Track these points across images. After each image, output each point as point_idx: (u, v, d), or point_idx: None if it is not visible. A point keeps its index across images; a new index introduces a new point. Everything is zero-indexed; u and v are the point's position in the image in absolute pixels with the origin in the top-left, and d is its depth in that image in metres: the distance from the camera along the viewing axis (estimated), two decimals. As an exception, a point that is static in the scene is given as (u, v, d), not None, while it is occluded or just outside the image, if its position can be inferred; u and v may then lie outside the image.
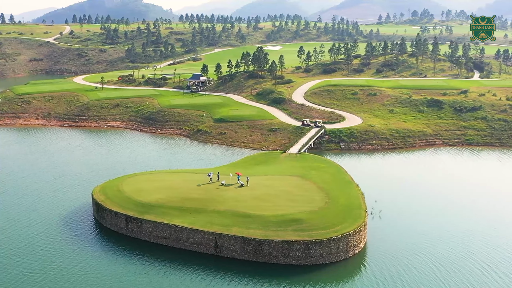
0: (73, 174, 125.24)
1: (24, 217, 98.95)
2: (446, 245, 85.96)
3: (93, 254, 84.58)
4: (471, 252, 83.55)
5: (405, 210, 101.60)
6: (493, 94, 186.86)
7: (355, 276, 77.83)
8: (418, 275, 76.61)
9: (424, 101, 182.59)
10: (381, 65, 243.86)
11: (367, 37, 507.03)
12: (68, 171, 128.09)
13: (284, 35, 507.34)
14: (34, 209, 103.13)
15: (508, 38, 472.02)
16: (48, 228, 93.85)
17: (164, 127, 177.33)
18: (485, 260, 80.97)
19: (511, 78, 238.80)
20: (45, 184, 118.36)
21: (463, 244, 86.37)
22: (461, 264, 79.62)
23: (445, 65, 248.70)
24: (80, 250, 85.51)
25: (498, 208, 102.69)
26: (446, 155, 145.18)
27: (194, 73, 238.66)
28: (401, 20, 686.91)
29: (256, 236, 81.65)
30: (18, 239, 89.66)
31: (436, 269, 78.19)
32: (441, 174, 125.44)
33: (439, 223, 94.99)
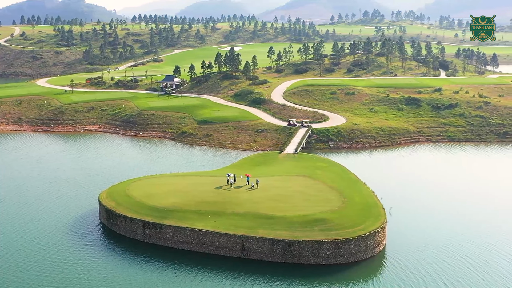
0: (68, 181, 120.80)
1: (28, 228, 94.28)
2: (461, 238, 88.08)
3: (111, 263, 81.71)
4: (491, 245, 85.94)
5: (413, 206, 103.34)
6: (466, 91, 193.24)
7: (384, 272, 78.54)
8: (443, 267, 78.25)
9: (401, 99, 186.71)
10: (351, 65, 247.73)
11: (323, 37, 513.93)
12: (61, 177, 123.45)
13: (242, 35, 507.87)
14: (37, 219, 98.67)
15: (459, 37, 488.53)
16: (56, 240, 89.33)
17: (146, 130, 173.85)
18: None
19: (475, 75, 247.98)
20: (42, 192, 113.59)
21: (478, 237, 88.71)
22: (482, 257, 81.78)
23: (412, 64, 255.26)
24: (96, 260, 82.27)
25: (497, 199, 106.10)
26: (434, 151, 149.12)
27: (166, 75, 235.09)
28: (353, 21, 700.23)
29: (285, 237, 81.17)
30: (28, 253, 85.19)
31: (459, 261, 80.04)
32: (437, 169, 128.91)
33: (450, 216, 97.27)
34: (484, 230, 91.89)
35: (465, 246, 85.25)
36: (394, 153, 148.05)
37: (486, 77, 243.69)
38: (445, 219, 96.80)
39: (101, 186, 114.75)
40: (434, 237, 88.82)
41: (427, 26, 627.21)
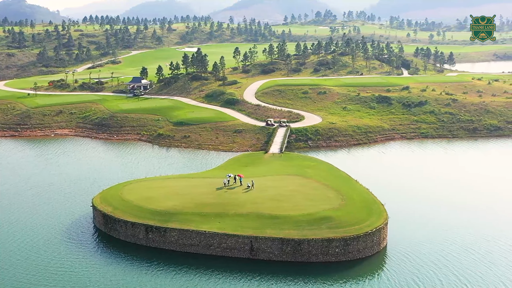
0: (53, 187, 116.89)
1: (20, 238, 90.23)
2: (459, 229, 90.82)
3: (115, 270, 79.37)
4: (489, 235, 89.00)
5: (405, 200, 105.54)
6: (432, 89, 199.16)
7: (392, 265, 79.77)
8: (449, 258, 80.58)
9: (372, 97, 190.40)
10: (317, 64, 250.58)
11: (279, 38, 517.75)
12: (44, 183, 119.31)
13: (199, 36, 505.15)
14: (28, 228, 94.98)
15: (411, 37, 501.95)
16: (53, 249, 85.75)
17: (120, 133, 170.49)
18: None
19: (435, 74, 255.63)
20: (28, 199, 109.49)
21: (476, 228, 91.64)
22: (484, 248, 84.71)
23: (376, 63, 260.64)
24: (99, 268, 79.81)
25: (483, 189, 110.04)
26: (412, 147, 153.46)
27: (134, 77, 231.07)
28: (306, 21, 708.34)
29: (294, 236, 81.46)
30: (24, 264, 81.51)
31: (464, 252, 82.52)
32: (421, 164, 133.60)
33: (443, 208, 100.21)
34: (480, 220, 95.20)
35: (466, 238, 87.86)
36: (373, 150, 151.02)
37: (446, 75, 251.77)
38: (438, 211, 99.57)
39: (89, 191, 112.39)
40: (433, 229, 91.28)
41: (379, 26, 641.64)
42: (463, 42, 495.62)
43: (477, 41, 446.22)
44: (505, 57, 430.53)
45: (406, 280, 75.06)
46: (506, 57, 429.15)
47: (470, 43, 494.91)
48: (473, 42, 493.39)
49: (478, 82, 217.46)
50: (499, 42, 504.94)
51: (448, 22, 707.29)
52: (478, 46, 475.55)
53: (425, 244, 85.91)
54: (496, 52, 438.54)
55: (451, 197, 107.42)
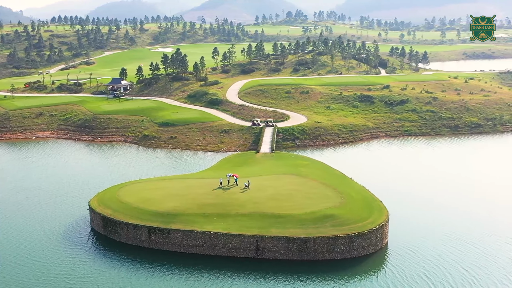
0: (43, 190, 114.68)
1: (16, 244, 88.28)
2: (458, 224, 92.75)
3: (118, 273, 78.07)
4: (487, 230, 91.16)
5: (401, 196, 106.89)
6: (412, 88, 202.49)
7: (396, 261, 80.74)
8: (453, 252, 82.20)
9: (355, 96, 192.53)
10: (296, 64, 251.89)
11: (252, 38, 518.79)
12: (33, 187, 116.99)
13: (171, 36, 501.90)
14: (25, 233, 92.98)
15: (382, 36, 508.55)
16: (51, 254, 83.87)
17: (104, 134, 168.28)
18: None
19: (412, 72, 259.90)
20: (19, 203, 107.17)
21: (476, 224, 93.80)
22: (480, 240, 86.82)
23: (353, 63, 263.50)
24: (102, 272, 78.46)
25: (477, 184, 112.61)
26: (399, 145, 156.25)
27: (113, 78, 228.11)
28: (278, 21, 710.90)
29: (299, 235, 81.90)
30: (24, 270, 79.39)
31: (465, 247, 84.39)
32: (411, 161, 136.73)
33: (439, 205, 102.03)
34: (475, 216, 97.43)
35: (466, 233, 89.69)
36: (361, 148, 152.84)
37: (422, 74, 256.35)
38: (435, 207, 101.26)
39: (81, 194, 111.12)
40: (432, 225, 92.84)
41: (349, 26, 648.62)
42: (432, 42, 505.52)
43: (446, 41, 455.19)
44: (474, 56, 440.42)
45: (413, 274, 76.16)
46: (475, 56, 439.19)
47: (440, 42, 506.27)
48: (443, 41, 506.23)
49: (455, 81, 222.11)
50: (467, 41, 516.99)
51: (417, 22, 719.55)
52: (447, 46, 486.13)
53: (426, 239, 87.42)
54: (465, 52, 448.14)
55: (445, 193, 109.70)
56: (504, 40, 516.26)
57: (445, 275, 75.55)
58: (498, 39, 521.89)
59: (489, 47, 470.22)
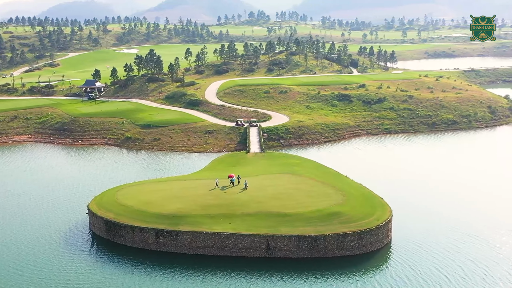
0: (31, 195, 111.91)
1: (15, 251, 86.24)
2: (451, 219, 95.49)
3: (128, 278, 77.00)
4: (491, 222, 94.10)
5: (395, 192, 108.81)
6: (387, 86, 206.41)
7: (403, 255, 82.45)
8: (458, 245, 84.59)
9: (333, 95, 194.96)
10: (269, 64, 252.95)
11: (216, 38, 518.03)
12: (21, 192, 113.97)
13: (136, 37, 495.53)
14: (22, 240, 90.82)
15: (345, 36, 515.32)
16: (54, 261, 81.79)
17: (84, 137, 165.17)
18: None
19: (382, 72, 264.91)
20: (11, 209, 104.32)
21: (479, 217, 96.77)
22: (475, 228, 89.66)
23: (325, 62, 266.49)
24: (108, 276, 77.48)
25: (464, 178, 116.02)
26: (383, 142, 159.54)
27: (87, 79, 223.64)
28: (240, 21, 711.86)
29: (309, 233, 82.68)
30: (28, 279, 77.90)
31: (470, 239, 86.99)
32: (400, 158, 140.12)
33: (437, 200, 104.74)
34: (474, 208, 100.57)
35: (468, 226, 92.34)
36: (345, 146, 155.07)
37: (391, 72, 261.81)
38: (431, 202, 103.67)
39: (75, 198, 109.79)
40: (431, 219, 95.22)
41: (311, 26, 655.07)
42: (394, 41, 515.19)
43: (407, 40, 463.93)
44: (436, 55, 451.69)
45: (425, 267, 77.98)
46: (436, 55, 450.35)
47: (401, 41, 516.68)
48: (404, 40, 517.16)
49: (427, 79, 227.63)
50: (427, 41, 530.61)
51: (376, 22, 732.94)
52: (409, 45, 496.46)
53: (428, 233, 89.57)
54: (427, 51, 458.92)
55: (439, 189, 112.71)
56: (462, 39, 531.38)
57: (456, 268, 77.71)
58: (456, 39, 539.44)
59: (449, 46, 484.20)
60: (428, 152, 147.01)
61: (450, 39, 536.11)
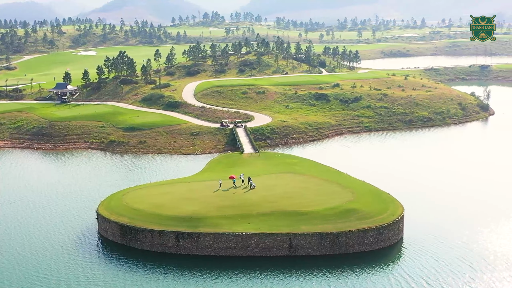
0: (29, 202, 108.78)
1: (25, 262, 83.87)
2: (459, 211, 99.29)
3: (152, 283, 76.43)
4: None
5: (393, 189, 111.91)
6: (361, 85, 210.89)
7: (420, 247, 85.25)
8: (457, 235, 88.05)
9: (310, 95, 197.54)
10: (240, 65, 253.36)
11: (174, 39, 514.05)
12: (20, 199, 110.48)
13: (92, 39, 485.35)
14: (30, 249, 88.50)
15: (302, 37, 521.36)
16: (69, 271, 79.72)
17: (65, 142, 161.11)
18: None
19: (349, 71, 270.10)
20: (10, 217, 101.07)
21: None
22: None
23: (294, 63, 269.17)
24: (131, 282, 76.85)
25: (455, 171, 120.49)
26: (369, 140, 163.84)
27: (58, 82, 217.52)
28: (195, 22, 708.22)
29: (330, 230, 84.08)
30: None
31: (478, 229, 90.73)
32: (392, 155, 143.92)
33: (439, 192, 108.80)
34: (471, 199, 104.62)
35: (475, 216, 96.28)
36: (333, 144, 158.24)
37: (358, 72, 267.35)
38: (437, 196, 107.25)
39: (75, 204, 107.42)
40: (441, 213, 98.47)
41: (267, 27, 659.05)
42: (350, 41, 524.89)
43: (363, 40, 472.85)
44: (391, 54, 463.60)
45: (446, 257, 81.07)
46: (392, 54, 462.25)
47: (357, 41, 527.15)
48: (360, 40, 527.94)
49: (396, 78, 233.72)
50: (382, 40, 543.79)
51: (330, 23, 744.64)
52: (365, 45, 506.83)
53: (438, 227, 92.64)
54: (383, 50, 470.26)
55: (439, 182, 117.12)
56: (414, 39, 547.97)
57: (476, 257, 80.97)
58: (409, 38, 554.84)
59: (403, 46, 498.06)
60: (414, 148, 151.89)
61: (403, 39, 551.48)
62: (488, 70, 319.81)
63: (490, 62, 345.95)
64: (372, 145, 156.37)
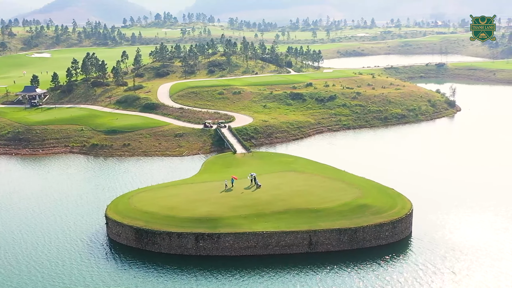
0: (30, 211, 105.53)
1: (37, 271, 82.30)
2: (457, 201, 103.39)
3: (178, 285, 76.55)
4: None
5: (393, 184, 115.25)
6: (333, 84, 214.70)
7: (437, 240, 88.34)
8: (462, 227, 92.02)
9: (285, 95, 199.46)
10: (209, 66, 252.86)
11: (129, 41, 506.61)
12: (15, 206, 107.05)
13: (44, 41, 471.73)
14: (30, 264, 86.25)
15: (258, 37, 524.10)
16: (93, 278, 78.72)
17: (45, 146, 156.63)
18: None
19: (316, 71, 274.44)
20: (12, 227, 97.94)
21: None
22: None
23: (260, 63, 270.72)
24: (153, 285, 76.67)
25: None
26: (353, 137, 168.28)
27: (26, 86, 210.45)
28: (147, 23, 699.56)
29: (348, 225, 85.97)
30: None
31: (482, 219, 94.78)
32: (377, 150, 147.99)
33: (436, 185, 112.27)
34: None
35: (475, 205, 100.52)
36: (316, 142, 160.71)
37: (323, 71, 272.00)
38: (436, 189, 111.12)
39: (76, 210, 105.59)
40: (444, 206, 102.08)
41: (220, 28, 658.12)
42: (305, 41, 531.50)
43: (318, 40, 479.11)
44: (347, 53, 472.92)
45: (460, 246, 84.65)
46: (348, 54, 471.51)
47: (312, 41, 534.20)
48: (315, 40, 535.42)
49: (364, 77, 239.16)
50: (336, 40, 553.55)
51: (283, 23, 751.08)
52: (320, 45, 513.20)
53: (443, 220, 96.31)
54: (339, 50, 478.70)
55: (431, 174, 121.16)
56: (367, 39, 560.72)
57: (492, 245, 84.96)
58: (362, 38, 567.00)
59: (358, 45, 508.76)
60: (395, 143, 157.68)
61: (356, 38, 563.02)
62: (444, 68, 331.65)
63: (446, 60, 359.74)
64: (356, 141, 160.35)
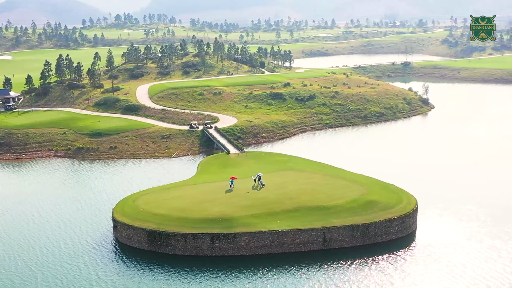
0: (30, 216, 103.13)
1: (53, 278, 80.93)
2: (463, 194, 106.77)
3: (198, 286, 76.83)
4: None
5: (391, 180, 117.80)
6: (310, 84, 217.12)
7: (437, 232, 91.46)
8: (466, 219, 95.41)
9: (265, 95, 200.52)
10: (183, 67, 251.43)
11: (92, 42, 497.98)
12: (14, 212, 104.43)
13: (2, 43, 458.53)
14: (37, 274, 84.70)
15: (222, 38, 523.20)
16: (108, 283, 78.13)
17: (28, 150, 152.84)
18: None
19: (289, 71, 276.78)
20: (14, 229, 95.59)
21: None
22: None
23: (234, 64, 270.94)
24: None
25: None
26: (339, 135, 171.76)
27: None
28: (107, 24, 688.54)
29: (360, 221, 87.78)
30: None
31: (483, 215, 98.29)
32: (369, 147, 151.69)
33: (431, 181, 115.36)
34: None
35: (475, 202, 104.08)
36: (301, 140, 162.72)
37: (296, 71, 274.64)
38: (436, 185, 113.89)
39: (77, 214, 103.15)
40: (446, 202, 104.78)
41: (182, 28, 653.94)
42: (269, 42, 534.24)
43: (281, 40, 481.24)
44: (312, 53, 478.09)
45: (472, 236, 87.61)
46: (312, 54, 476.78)
47: (276, 42, 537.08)
48: (279, 41, 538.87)
49: (339, 76, 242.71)
50: (299, 41, 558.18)
51: (242, 24, 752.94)
52: (284, 45, 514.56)
53: (445, 214, 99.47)
54: (304, 50, 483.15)
55: (424, 168, 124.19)
56: (330, 39, 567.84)
57: (494, 234, 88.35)
58: (325, 38, 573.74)
59: (322, 45, 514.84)
60: (383, 140, 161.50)
61: (319, 39, 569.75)
62: (410, 67, 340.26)
63: (410, 59, 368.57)
64: (342, 139, 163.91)
